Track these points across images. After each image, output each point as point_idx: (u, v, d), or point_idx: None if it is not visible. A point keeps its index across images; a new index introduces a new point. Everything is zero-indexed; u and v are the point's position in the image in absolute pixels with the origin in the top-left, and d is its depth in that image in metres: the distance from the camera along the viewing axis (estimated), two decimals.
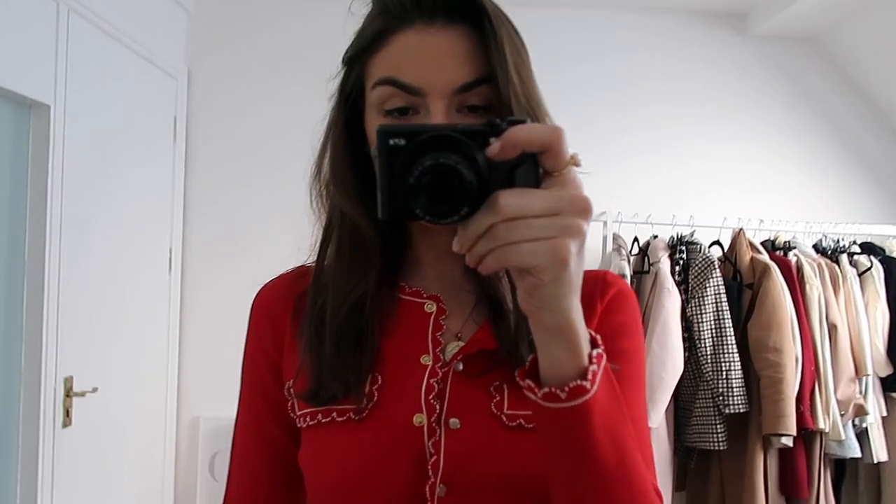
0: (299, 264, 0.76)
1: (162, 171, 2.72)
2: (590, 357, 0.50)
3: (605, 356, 0.51)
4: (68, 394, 2.04)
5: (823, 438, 2.35)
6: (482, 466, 0.61)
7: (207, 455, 2.90)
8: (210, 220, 2.95)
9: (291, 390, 0.69)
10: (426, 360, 0.66)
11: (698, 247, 2.44)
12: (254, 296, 0.75)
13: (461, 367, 0.65)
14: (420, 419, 0.63)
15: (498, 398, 0.63)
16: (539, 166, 0.46)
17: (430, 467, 0.61)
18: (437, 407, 0.63)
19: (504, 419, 0.63)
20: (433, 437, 0.62)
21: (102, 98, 2.25)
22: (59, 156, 1.99)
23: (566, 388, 0.49)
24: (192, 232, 2.94)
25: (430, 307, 0.69)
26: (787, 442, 2.25)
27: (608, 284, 0.70)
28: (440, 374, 0.65)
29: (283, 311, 0.72)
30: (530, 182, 0.46)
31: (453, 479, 0.61)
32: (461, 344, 0.66)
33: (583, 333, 0.50)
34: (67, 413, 2.04)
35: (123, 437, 2.45)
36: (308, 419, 0.66)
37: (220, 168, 2.96)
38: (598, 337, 0.52)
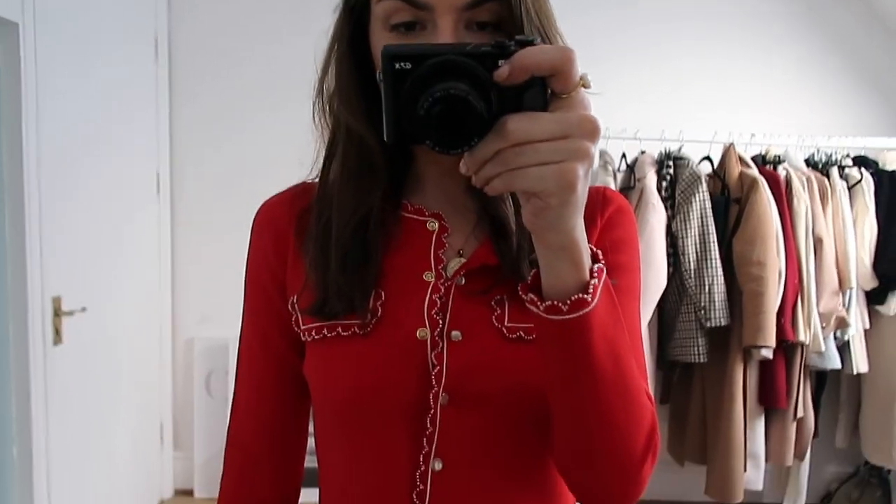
0: (301, 180, 0.75)
1: (144, 91, 2.68)
2: (591, 271, 0.52)
3: (605, 270, 0.52)
4: (57, 313, 2.08)
5: (804, 350, 2.37)
6: (483, 377, 0.63)
7: (203, 374, 2.98)
8: (198, 139, 2.92)
9: (296, 305, 0.70)
10: (429, 276, 0.67)
11: (686, 162, 2.40)
12: (251, 214, 0.76)
13: (463, 282, 0.66)
14: (423, 333, 0.64)
15: (499, 311, 0.65)
16: (547, 88, 0.46)
17: (433, 377, 0.64)
18: (440, 321, 0.65)
19: (505, 331, 0.64)
20: (436, 350, 0.64)
21: (76, 15, 2.18)
22: (31, 76, 1.95)
23: (568, 301, 0.50)
24: (180, 152, 2.92)
25: (433, 225, 0.69)
26: (767, 354, 2.28)
27: (608, 200, 0.71)
28: (442, 289, 0.66)
29: (286, 227, 0.72)
30: (538, 105, 0.46)
31: (455, 389, 0.63)
32: (463, 260, 0.68)
33: (585, 249, 0.51)
34: (57, 332, 2.09)
35: (117, 356, 2.51)
36: (313, 333, 0.68)
37: (206, 85, 2.91)
38: (600, 252, 0.53)
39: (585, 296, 0.50)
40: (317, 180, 0.71)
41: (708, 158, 2.48)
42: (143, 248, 2.73)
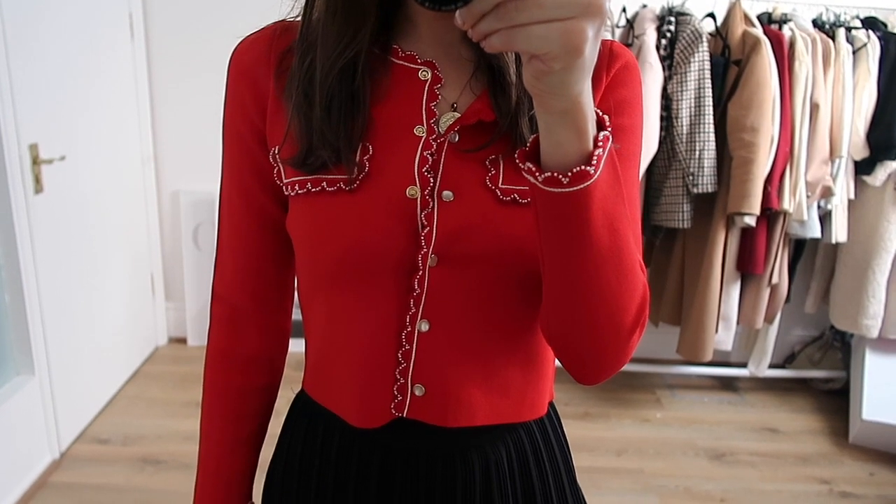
0: (281, 18, 0.69)
1: None
2: (595, 140, 0.48)
3: (610, 138, 0.49)
4: (35, 161, 2.04)
5: (786, 218, 2.40)
6: (473, 239, 0.61)
7: (190, 226, 2.99)
8: None
9: (278, 156, 0.65)
10: (420, 131, 0.63)
11: (689, 18, 2.29)
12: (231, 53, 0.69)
13: (457, 138, 0.62)
14: (413, 191, 0.61)
15: (493, 172, 0.62)
16: None
17: (422, 238, 0.61)
18: (431, 180, 0.61)
19: (498, 193, 0.61)
20: (426, 209, 0.61)
21: None
22: None
23: (569, 174, 0.47)
24: None
25: (425, 74, 0.64)
26: (750, 221, 2.30)
27: (615, 56, 0.66)
28: (434, 146, 0.62)
29: (265, 70, 0.66)
30: None
31: (445, 250, 0.61)
32: (457, 115, 0.63)
33: (590, 115, 0.47)
34: (38, 180, 2.06)
35: (101, 206, 2.50)
36: (297, 188, 0.64)
37: None
38: (606, 118, 0.49)
39: (588, 167, 0.47)
40: (298, 19, 0.65)
41: (711, 15, 2.36)
42: (121, 95, 2.63)
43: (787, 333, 3.04)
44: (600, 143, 0.48)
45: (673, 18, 2.28)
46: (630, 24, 2.33)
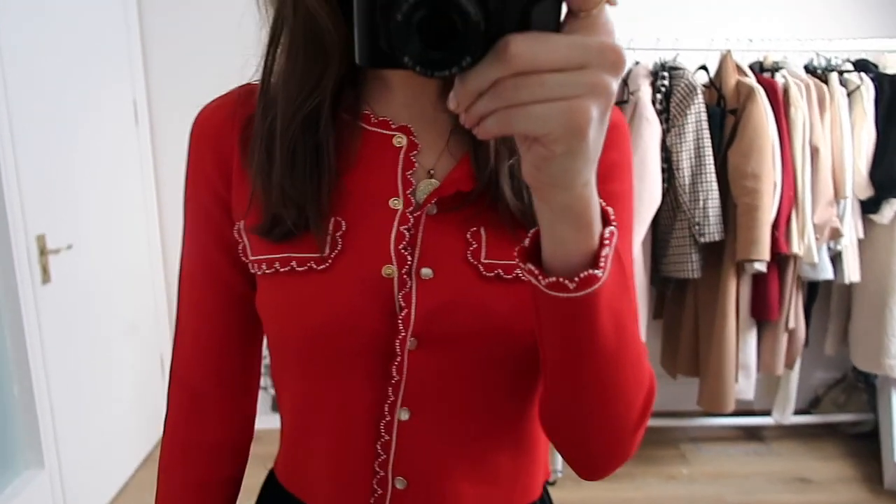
0: (245, 82, 0.64)
1: (112, 21, 2.54)
2: (601, 238, 0.44)
3: (616, 233, 0.45)
4: (43, 252, 2.05)
5: (797, 262, 2.37)
6: (455, 319, 0.57)
7: None
8: (174, 67, 2.80)
9: (243, 231, 0.61)
10: (395, 203, 0.59)
11: (682, 72, 2.32)
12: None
13: (435, 210, 0.59)
14: (390, 270, 0.57)
15: (475, 245, 0.58)
16: (562, 3, 0.37)
17: (400, 321, 0.57)
18: (409, 257, 0.58)
19: (481, 268, 0.57)
20: (404, 289, 0.57)
21: None
22: None
23: (576, 279, 0.43)
24: (156, 81, 2.80)
25: (400, 141, 0.60)
26: (761, 268, 2.28)
27: None
28: (411, 219, 0.58)
29: (228, 136, 0.62)
30: (549, 24, 0.36)
31: (424, 332, 0.57)
32: (435, 183, 0.59)
33: (595, 209, 0.43)
34: (45, 270, 2.06)
35: (109, 292, 2.50)
36: (264, 266, 0.60)
37: (177, 8, 2.76)
38: (611, 210, 0.46)
39: (595, 271, 0.43)
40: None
41: (704, 68, 2.39)
42: (127, 181, 2.67)
43: (810, 377, 2.97)
44: (606, 240, 0.44)
45: (666, 73, 2.31)
46: (624, 81, 2.37)
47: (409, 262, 0.58)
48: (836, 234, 2.36)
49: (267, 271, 0.60)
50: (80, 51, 2.32)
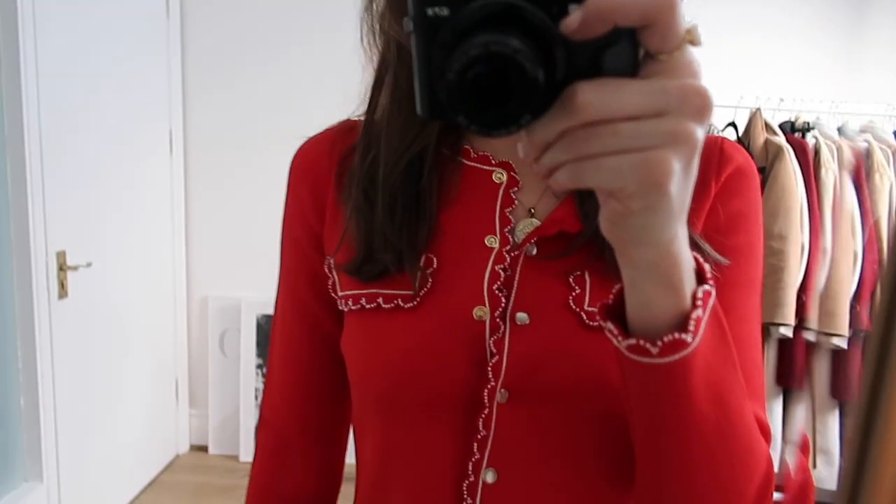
0: (345, 118, 0.63)
1: (155, 48, 2.67)
2: (694, 297, 0.39)
3: (713, 294, 0.40)
4: (62, 267, 2.11)
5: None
6: (553, 371, 0.52)
7: (217, 333, 3.01)
8: (212, 98, 2.90)
9: (333, 266, 0.60)
10: (492, 241, 0.55)
11: (710, 129, 2.28)
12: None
13: (535, 251, 0.54)
14: (482, 312, 0.53)
15: (578, 291, 0.53)
16: (638, 45, 0.33)
17: (490, 369, 0.52)
18: (503, 299, 0.54)
19: (584, 317, 0.52)
20: (496, 334, 0.53)
21: None
22: (29, 25, 1.95)
23: (659, 343, 0.38)
24: (194, 110, 2.91)
25: (500, 176, 0.57)
26: (787, 332, 2.17)
27: (726, 158, 0.56)
28: (508, 259, 0.54)
29: (326, 172, 0.61)
30: (625, 68, 0.33)
31: (517, 384, 0.52)
32: (536, 223, 0.55)
33: (686, 267, 0.38)
34: (63, 286, 2.12)
35: (125, 312, 2.54)
36: (350, 303, 0.57)
37: (219, 41, 2.88)
38: (708, 268, 0.40)
39: (684, 335, 0.38)
40: (363, 117, 0.59)
41: (733, 125, 2.35)
42: (155, 205, 2.75)
43: None
44: (700, 301, 0.38)
45: None
46: None
47: (503, 305, 0.54)
48: None
49: (353, 307, 0.57)
50: (120, 76, 2.42)
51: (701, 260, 0.40)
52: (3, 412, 2.00)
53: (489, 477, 0.54)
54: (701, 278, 0.40)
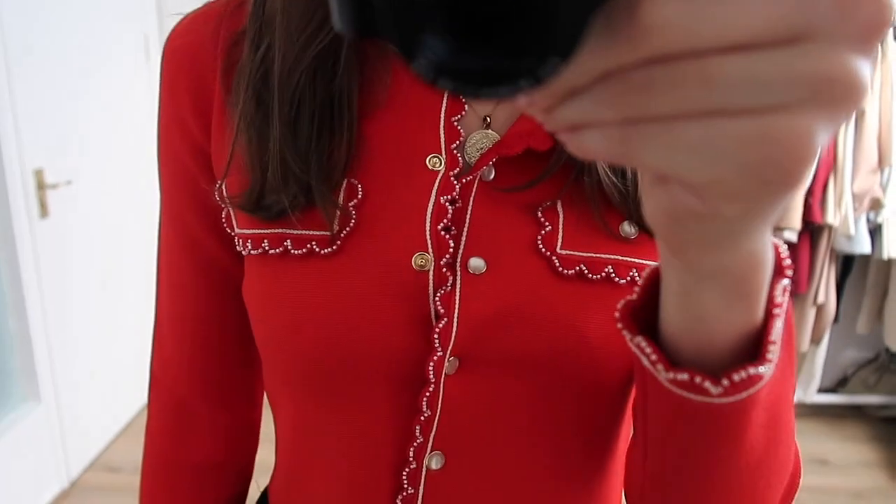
0: None
1: None
2: (770, 304, 0.27)
3: (786, 303, 0.29)
4: (40, 186, 2.01)
5: (831, 233, 2.21)
6: (515, 333, 0.40)
7: None
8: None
9: (225, 195, 0.45)
10: (435, 163, 0.41)
11: None
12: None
13: (492, 174, 0.41)
14: (423, 260, 0.41)
15: (549, 228, 0.41)
16: None
17: (436, 334, 0.41)
18: (451, 241, 0.41)
19: (556, 262, 0.40)
20: (442, 289, 0.41)
21: None
22: None
23: (725, 381, 0.27)
24: (169, 15, 2.72)
25: None
26: (791, 236, 2.13)
27: None
28: (457, 187, 0.41)
29: (211, 61, 0.45)
30: None
31: (470, 351, 0.41)
32: (494, 136, 0.42)
33: (765, 271, 0.26)
34: (43, 205, 2.03)
35: (111, 229, 2.46)
36: (250, 245, 0.44)
37: None
38: (784, 250, 0.28)
39: (760, 368, 0.27)
40: None
41: None
42: (134, 118, 2.61)
43: (839, 355, 2.81)
44: (778, 311, 0.27)
45: None
46: None
47: (451, 249, 0.41)
48: (876, 205, 2.18)
49: (253, 252, 0.44)
50: None
51: (780, 245, 0.28)
52: None
53: (434, 463, 0.44)
54: (778, 272, 0.28)
